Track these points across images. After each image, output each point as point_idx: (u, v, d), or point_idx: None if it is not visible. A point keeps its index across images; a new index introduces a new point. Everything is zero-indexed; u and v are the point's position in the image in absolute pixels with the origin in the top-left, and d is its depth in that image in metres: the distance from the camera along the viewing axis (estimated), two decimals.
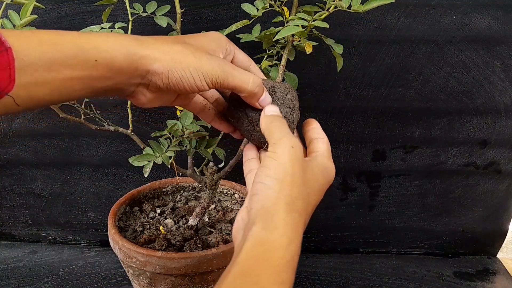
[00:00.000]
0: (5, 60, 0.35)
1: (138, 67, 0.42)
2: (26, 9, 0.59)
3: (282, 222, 0.39)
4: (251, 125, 0.49)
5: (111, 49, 0.40)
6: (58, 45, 0.38)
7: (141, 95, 0.45)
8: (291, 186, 0.41)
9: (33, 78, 0.37)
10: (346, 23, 0.87)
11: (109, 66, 0.40)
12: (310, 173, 0.44)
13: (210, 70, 0.44)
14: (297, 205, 0.41)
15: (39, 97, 0.38)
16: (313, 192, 0.44)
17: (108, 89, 0.43)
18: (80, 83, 0.40)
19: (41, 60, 0.37)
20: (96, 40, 0.40)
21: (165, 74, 0.43)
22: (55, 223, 1.07)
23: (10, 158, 1.00)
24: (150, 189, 0.89)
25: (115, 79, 0.42)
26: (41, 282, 0.94)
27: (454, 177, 1.00)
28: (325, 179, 0.46)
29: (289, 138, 0.44)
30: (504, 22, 0.86)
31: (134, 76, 0.43)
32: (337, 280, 0.97)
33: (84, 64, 0.39)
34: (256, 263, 0.37)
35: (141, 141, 0.74)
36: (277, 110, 0.48)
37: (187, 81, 0.44)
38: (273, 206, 0.40)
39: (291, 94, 0.51)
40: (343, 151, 0.98)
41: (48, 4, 0.86)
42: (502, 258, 1.08)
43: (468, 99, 0.93)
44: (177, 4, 0.68)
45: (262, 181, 0.41)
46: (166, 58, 0.43)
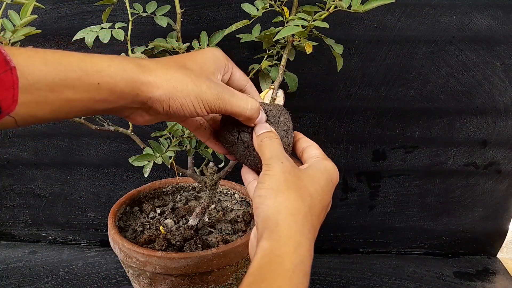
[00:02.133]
0: (9, 80, 0.34)
1: (140, 93, 0.42)
2: (26, 9, 0.59)
3: (286, 228, 0.40)
4: (247, 150, 0.49)
5: (113, 74, 0.41)
6: (62, 65, 0.38)
7: (139, 117, 0.46)
8: (287, 193, 0.42)
9: (35, 97, 0.36)
10: (346, 23, 0.87)
11: (111, 90, 0.41)
12: (307, 178, 0.45)
13: (210, 99, 0.45)
14: (298, 208, 0.42)
15: (39, 116, 0.38)
16: (316, 194, 0.44)
17: (107, 111, 0.43)
18: (81, 105, 0.40)
19: (45, 80, 0.37)
20: (100, 64, 0.40)
21: (166, 102, 0.43)
22: (55, 223, 1.07)
23: (10, 158, 1.00)
24: (150, 189, 0.89)
25: (116, 103, 0.42)
26: (41, 282, 0.94)
27: (454, 177, 1.00)
28: (327, 178, 0.47)
29: (279, 155, 0.46)
30: (504, 22, 0.86)
31: (135, 101, 0.43)
32: (337, 280, 0.97)
33: (87, 87, 0.39)
34: (266, 272, 0.38)
35: (141, 141, 0.74)
36: (268, 126, 0.48)
37: (187, 109, 0.44)
38: (273, 214, 0.41)
39: (284, 116, 0.51)
40: (343, 151, 0.98)
41: (48, 4, 0.86)
42: (502, 258, 1.08)
43: (468, 99, 0.93)
44: (177, 4, 0.68)
45: (259, 194, 0.43)
46: (167, 86, 0.43)
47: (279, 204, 0.42)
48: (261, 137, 0.48)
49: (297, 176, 0.44)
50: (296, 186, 0.43)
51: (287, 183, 0.43)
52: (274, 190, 0.43)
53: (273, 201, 0.42)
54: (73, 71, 0.38)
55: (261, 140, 0.48)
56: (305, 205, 0.43)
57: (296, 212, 0.41)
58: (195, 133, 0.54)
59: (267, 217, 0.41)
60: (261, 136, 0.48)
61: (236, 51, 0.85)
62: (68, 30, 0.87)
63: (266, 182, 0.44)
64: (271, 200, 0.42)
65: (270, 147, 0.47)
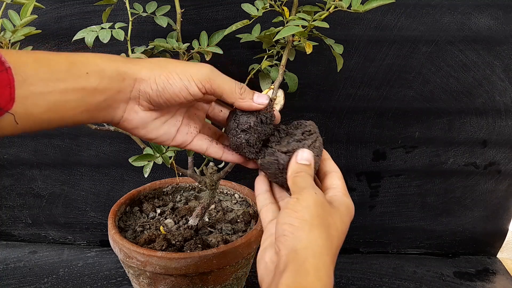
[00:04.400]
0: (6, 79, 0.36)
1: (126, 78, 0.44)
2: (26, 9, 0.59)
3: (314, 267, 0.40)
4: (279, 170, 0.50)
5: (100, 63, 0.43)
6: (51, 61, 0.41)
7: (132, 113, 0.47)
8: (319, 229, 0.42)
9: (29, 92, 0.38)
10: (346, 23, 0.87)
11: (99, 77, 0.43)
12: (336, 216, 0.45)
13: (197, 72, 0.46)
14: (327, 249, 0.41)
15: (36, 115, 0.40)
16: (342, 234, 0.45)
17: (101, 107, 0.44)
18: (75, 98, 0.42)
19: (37, 75, 0.39)
20: (87, 56, 0.43)
21: (153, 79, 0.45)
22: (55, 223, 1.07)
23: (10, 158, 1.00)
24: (150, 189, 0.89)
25: (106, 92, 0.44)
26: (41, 282, 0.94)
27: (454, 177, 1.00)
28: (350, 219, 0.47)
29: (313, 187, 0.45)
30: (504, 22, 0.86)
31: (123, 87, 0.44)
32: (337, 280, 0.97)
33: (77, 78, 0.41)
34: None
35: (141, 141, 0.74)
36: (310, 158, 0.48)
37: (176, 84, 0.45)
38: (303, 250, 0.40)
39: (319, 140, 0.51)
40: (343, 151, 0.98)
41: (48, 4, 0.86)
42: (502, 258, 1.08)
43: (468, 99, 0.93)
44: (177, 4, 0.68)
45: (291, 223, 0.42)
46: (151, 65, 0.46)
47: (311, 240, 0.41)
48: (300, 167, 0.48)
49: (328, 212, 0.44)
50: (327, 224, 0.43)
51: (320, 218, 0.43)
52: (308, 223, 0.42)
53: (306, 235, 0.41)
54: (62, 64, 0.41)
55: (300, 170, 0.47)
56: (333, 246, 0.43)
57: (325, 252, 0.41)
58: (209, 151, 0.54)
59: (296, 250, 0.41)
60: (300, 166, 0.48)
61: (236, 51, 0.85)
62: (68, 30, 0.87)
63: (299, 211, 0.42)
64: (304, 234, 0.41)
65: (306, 178, 0.47)
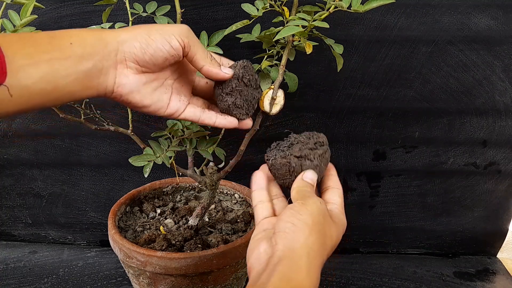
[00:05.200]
0: None
1: (108, 41, 0.47)
2: (26, 9, 0.59)
3: (306, 267, 0.43)
4: (288, 173, 0.53)
5: (81, 33, 0.47)
6: (34, 37, 0.44)
7: (123, 77, 0.49)
8: (317, 236, 0.45)
9: (19, 65, 0.41)
10: (346, 23, 0.87)
11: (82, 45, 0.46)
12: (333, 228, 0.49)
13: (176, 28, 0.50)
14: (321, 255, 0.45)
15: (29, 85, 0.42)
16: (333, 245, 0.49)
17: (91, 74, 0.47)
18: (63, 66, 0.44)
19: (23, 49, 0.42)
20: (68, 31, 0.47)
21: (134, 38, 0.48)
22: (55, 223, 1.07)
23: (10, 158, 1.00)
24: (150, 189, 0.89)
25: (92, 58, 0.46)
26: (41, 282, 0.94)
27: (454, 177, 1.00)
28: (340, 232, 0.50)
29: (318, 198, 0.49)
30: (504, 22, 0.86)
31: (108, 52, 0.47)
32: (337, 280, 0.97)
33: (61, 48, 0.44)
34: None
35: (141, 141, 0.74)
36: (315, 179, 0.52)
37: (157, 39, 0.49)
38: (300, 249, 0.44)
39: (328, 152, 0.56)
40: (343, 151, 0.98)
41: (48, 4, 0.86)
42: (502, 258, 1.08)
43: (468, 99, 0.93)
44: (177, 4, 0.68)
45: (293, 222, 0.45)
46: (130, 29, 0.50)
47: (308, 243, 0.44)
48: (305, 184, 0.51)
49: (328, 223, 0.48)
50: (324, 233, 0.47)
51: (320, 225, 0.46)
52: (309, 227, 0.45)
53: (305, 237, 0.44)
54: (44, 38, 0.44)
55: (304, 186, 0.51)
56: (325, 253, 0.47)
57: (318, 257, 0.45)
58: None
59: (293, 248, 0.44)
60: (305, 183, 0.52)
61: (236, 51, 0.85)
62: None
63: (303, 214, 0.46)
64: (303, 236, 0.44)
65: (310, 191, 0.51)
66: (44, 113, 0.95)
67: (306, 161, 0.53)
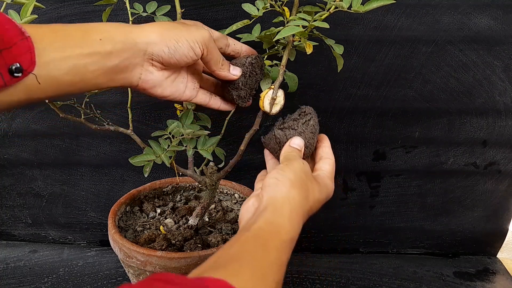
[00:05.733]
0: (27, 45, 0.42)
1: (138, 41, 0.50)
2: (26, 9, 0.59)
3: (288, 213, 0.49)
4: (276, 145, 0.60)
5: (111, 29, 0.49)
6: (66, 31, 0.46)
7: (148, 74, 0.53)
8: (299, 189, 0.51)
9: (50, 58, 0.44)
10: (346, 23, 0.87)
11: (112, 42, 0.48)
12: (317, 186, 0.54)
13: (200, 36, 0.54)
14: (302, 205, 0.51)
15: (58, 77, 0.45)
16: (317, 201, 0.54)
17: (118, 69, 0.49)
18: (91, 61, 0.47)
19: (55, 43, 0.45)
20: (97, 25, 0.49)
21: (164, 43, 0.51)
22: (55, 223, 1.07)
23: (10, 158, 1.00)
24: (150, 189, 0.89)
25: (120, 55, 0.49)
26: (41, 281, 0.94)
27: (454, 177, 1.00)
28: (324, 194, 0.56)
29: (300, 158, 0.56)
30: (504, 22, 0.86)
31: (136, 51, 0.50)
32: (337, 280, 0.97)
33: (91, 43, 0.47)
34: (266, 233, 0.46)
35: (141, 141, 0.74)
36: (301, 145, 0.59)
37: (184, 46, 0.53)
38: (282, 199, 0.49)
39: (313, 119, 0.61)
40: (343, 151, 0.98)
41: (48, 4, 0.86)
42: (502, 258, 1.08)
43: (468, 99, 0.93)
44: (177, 4, 0.68)
45: (277, 178, 0.51)
46: (159, 29, 0.52)
47: (290, 195, 0.50)
48: (292, 149, 0.58)
49: (310, 180, 0.54)
50: (307, 188, 0.52)
51: (301, 181, 0.52)
52: (291, 181, 0.51)
53: (286, 189, 0.50)
54: (76, 32, 0.47)
55: (291, 152, 0.57)
56: (308, 205, 0.52)
57: (299, 206, 0.50)
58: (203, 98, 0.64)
59: (276, 198, 0.49)
60: (292, 148, 0.58)
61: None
62: None
63: (286, 171, 0.52)
64: (285, 188, 0.50)
65: (296, 155, 0.57)
66: (44, 113, 0.95)
67: (290, 130, 0.59)
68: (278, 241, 0.45)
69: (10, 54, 0.41)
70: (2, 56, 0.41)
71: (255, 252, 0.43)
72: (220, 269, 0.39)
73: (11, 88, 0.43)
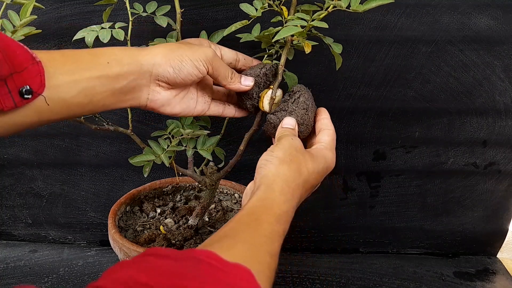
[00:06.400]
0: (36, 69, 0.44)
1: (143, 63, 0.52)
2: (25, 10, 0.59)
3: (279, 187, 0.50)
4: (272, 128, 0.62)
5: (118, 53, 0.51)
6: (76, 55, 0.49)
7: (156, 94, 0.55)
8: (288, 164, 0.52)
9: (60, 81, 0.46)
10: (346, 23, 0.87)
11: (119, 64, 0.50)
12: (310, 158, 0.54)
13: (203, 55, 0.56)
14: (294, 178, 0.52)
15: (68, 99, 0.47)
16: (312, 173, 0.54)
17: (125, 90, 0.52)
18: (100, 83, 0.49)
19: (64, 67, 0.47)
20: (105, 49, 0.51)
21: (168, 64, 0.53)
22: (55, 223, 1.07)
23: (10, 158, 1.00)
24: (150, 188, 0.89)
25: (127, 78, 0.51)
26: (42, 281, 0.94)
27: (454, 177, 1.00)
28: (324, 165, 0.56)
29: (291, 136, 0.57)
30: (504, 22, 0.86)
31: (142, 73, 0.52)
32: (337, 280, 0.97)
33: (99, 67, 0.49)
34: (259, 209, 0.48)
35: (141, 141, 0.74)
36: (293, 123, 0.59)
37: (188, 66, 0.54)
38: (273, 176, 0.51)
39: (303, 95, 0.62)
40: (343, 151, 0.98)
41: (48, 4, 0.86)
42: (502, 258, 1.08)
43: (468, 99, 0.93)
44: (176, 4, 0.68)
45: (266, 159, 0.54)
46: (163, 50, 0.54)
47: (279, 171, 0.51)
48: (284, 130, 0.59)
49: (301, 153, 0.54)
50: (297, 161, 0.53)
51: (291, 156, 0.53)
52: (279, 159, 0.53)
53: (275, 166, 0.52)
54: (85, 57, 0.49)
55: (283, 132, 0.59)
56: (301, 178, 0.52)
57: (291, 180, 0.51)
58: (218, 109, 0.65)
59: (267, 175, 0.51)
60: (284, 129, 0.59)
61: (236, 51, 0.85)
62: (68, 30, 0.87)
63: (274, 151, 0.54)
64: (274, 166, 0.52)
65: (288, 135, 0.57)
66: None
67: (282, 112, 0.61)
68: (271, 215, 0.47)
69: (21, 77, 0.43)
70: (13, 80, 0.42)
71: (248, 227, 0.45)
72: (214, 244, 0.41)
73: (22, 110, 0.44)
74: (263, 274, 0.41)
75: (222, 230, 0.45)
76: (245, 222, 0.46)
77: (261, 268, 0.41)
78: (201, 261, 0.36)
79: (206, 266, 0.36)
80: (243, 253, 0.41)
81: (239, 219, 0.46)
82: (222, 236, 0.43)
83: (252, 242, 0.43)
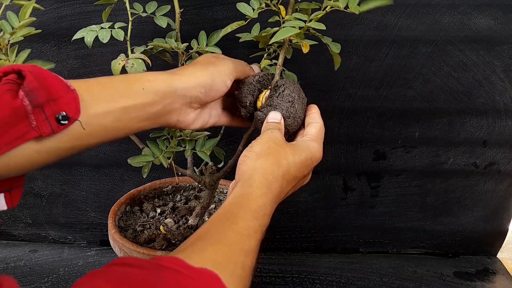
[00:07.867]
0: (71, 97, 0.45)
1: (177, 87, 0.53)
2: (25, 11, 0.58)
3: (257, 181, 0.50)
4: (260, 124, 0.61)
5: (152, 79, 0.52)
6: (112, 83, 0.50)
7: (187, 116, 0.57)
8: (265, 157, 0.52)
9: (98, 108, 0.47)
10: (346, 23, 0.87)
11: (154, 91, 0.52)
12: (290, 150, 0.54)
13: (228, 69, 0.58)
14: (272, 171, 0.52)
15: (106, 124, 0.48)
16: (293, 164, 0.54)
17: (159, 114, 0.53)
18: (135, 109, 0.50)
19: (101, 95, 0.48)
20: (139, 76, 0.53)
21: (199, 85, 0.55)
22: (55, 223, 1.07)
23: None
24: (150, 188, 0.89)
25: (161, 103, 0.52)
26: (42, 281, 0.94)
27: (454, 177, 1.00)
28: (307, 155, 0.55)
29: (272, 130, 0.57)
30: (504, 22, 0.86)
31: (176, 97, 0.54)
32: (337, 280, 0.97)
33: (135, 94, 0.50)
34: (234, 206, 0.48)
35: (140, 141, 0.74)
36: (278, 117, 0.59)
37: (217, 83, 0.56)
38: (250, 171, 0.51)
39: (288, 89, 0.61)
40: (343, 151, 0.98)
41: (48, 4, 0.86)
42: (502, 258, 1.08)
43: (468, 99, 0.93)
44: (176, 4, 0.68)
45: (245, 155, 0.54)
46: (195, 72, 0.56)
47: (257, 165, 0.52)
48: (270, 125, 0.59)
49: (280, 145, 0.54)
50: (276, 153, 0.53)
51: (269, 149, 0.53)
52: (257, 153, 0.53)
53: (253, 161, 0.52)
54: (121, 84, 0.50)
55: (268, 127, 0.58)
56: (280, 170, 0.52)
57: (269, 173, 0.51)
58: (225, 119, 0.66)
59: (244, 171, 0.52)
60: (270, 124, 0.59)
61: (235, 51, 0.84)
62: (68, 30, 0.88)
63: (253, 146, 0.54)
64: (251, 161, 0.52)
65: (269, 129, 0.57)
66: None
67: (267, 108, 0.60)
68: (247, 211, 0.47)
69: (57, 104, 0.44)
70: (49, 106, 0.44)
71: (222, 226, 0.45)
72: (187, 248, 0.41)
73: (59, 136, 0.45)
74: (234, 274, 0.41)
75: (197, 232, 0.45)
76: (219, 221, 0.46)
77: (232, 269, 0.41)
78: (166, 269, 0.36)
79: (171, 273, 0.36)
80: (214, 256, 0.41)
81: (214, 219, 0.47)
82: (196, 238, 0.44)
83: (225, 243, 0.43)
